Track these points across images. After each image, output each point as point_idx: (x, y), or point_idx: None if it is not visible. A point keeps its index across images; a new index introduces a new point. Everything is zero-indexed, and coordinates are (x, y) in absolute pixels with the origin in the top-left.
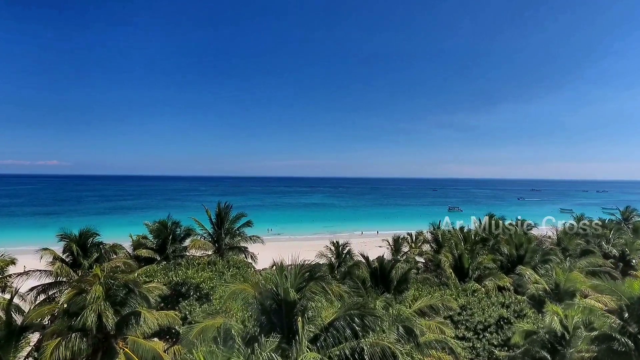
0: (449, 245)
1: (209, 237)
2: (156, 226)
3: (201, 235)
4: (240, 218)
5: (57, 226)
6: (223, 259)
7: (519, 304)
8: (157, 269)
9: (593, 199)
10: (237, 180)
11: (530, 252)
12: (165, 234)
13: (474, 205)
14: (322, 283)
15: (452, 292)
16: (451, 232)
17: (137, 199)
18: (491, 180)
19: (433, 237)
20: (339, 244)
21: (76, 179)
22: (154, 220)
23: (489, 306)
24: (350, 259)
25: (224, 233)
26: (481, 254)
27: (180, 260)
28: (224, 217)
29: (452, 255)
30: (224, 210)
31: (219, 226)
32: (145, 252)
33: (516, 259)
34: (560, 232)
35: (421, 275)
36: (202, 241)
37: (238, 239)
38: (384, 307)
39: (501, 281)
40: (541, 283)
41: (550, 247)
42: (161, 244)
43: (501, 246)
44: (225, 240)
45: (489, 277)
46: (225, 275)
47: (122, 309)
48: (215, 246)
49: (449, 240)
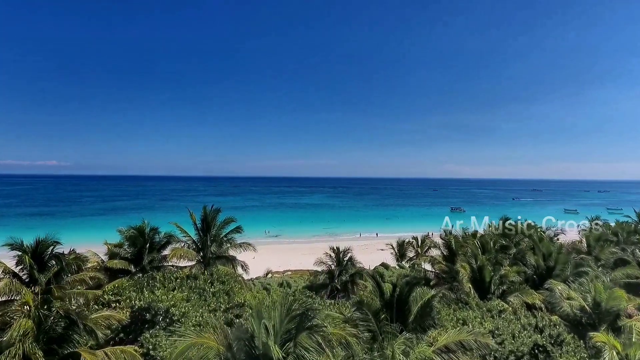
0: (464, 253)
1: (193, 245)
2: (131, 233)
3: (185, 243)
4: (229, 223)
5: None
6: (208, 270)
7: (555, 327)
8: (126, 284)
9: (595, 199)
10: (236, 180)
11: (560, 263)
12: (141, 242)
13: (476, 206)
14: (318, 336)
15: (475, 312)
16: (465, 238)
17: (134, 199)
18: (491, 180)
19: (445, 244)
20: (339, 250)
21: (75, 179)
22: (129, 226)
23: (520, 331)
24: (352, 267)
25: (210, 240)
26: (504, 265)
27: (155, 273)
28: (211, 222)
29: (470, 266)
30: (210, 214)
31: (205, 232)
32: (117, 264)
33: (545, 271)
34: (590, 238)
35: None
36: (184, 250)
37: (226, 246)
38: (404, 351)
39: (530, 298)
40: (576, 299)
41: (581, 257)
42: (137, 253)
43: (526, 256)
44: (212, 249)
45: (515, 292)
46: (207, 292)
47: (61, 348)
48: (199, 255)
49: (463, 248)
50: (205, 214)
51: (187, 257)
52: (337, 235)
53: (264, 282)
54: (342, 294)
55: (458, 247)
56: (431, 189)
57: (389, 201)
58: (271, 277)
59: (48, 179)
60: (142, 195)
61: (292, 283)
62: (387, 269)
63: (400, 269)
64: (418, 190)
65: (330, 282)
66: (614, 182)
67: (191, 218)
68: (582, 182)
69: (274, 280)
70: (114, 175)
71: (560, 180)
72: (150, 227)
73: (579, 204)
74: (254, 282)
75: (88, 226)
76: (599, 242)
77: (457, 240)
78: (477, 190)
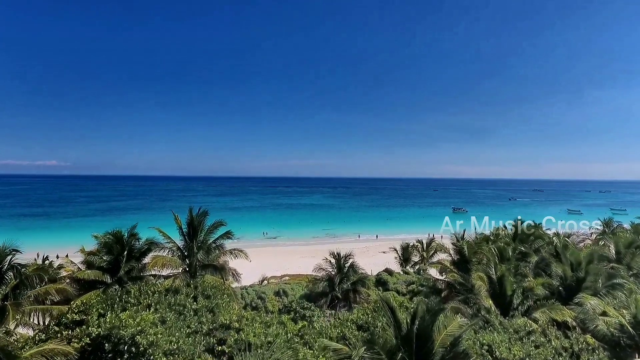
0: (478, 260)
1: (178, 252)
2: (107, 239)
3: (169, 250)
4: (218, 227)
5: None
6: (193, 281)
7: (594, 352)
8: (94, 300)
9: (598, 199)
10: (236, 180)
11: (592, 273)
12: (118, 249)
13: (478, 206)
14: None
15: (501, 335)
16: (479, 244)
17: (131, 199)
18: (492, 180)
19: (456, 250)
20: (340, 256)
21: (74, 179)
22: (106, 231)
23: (554, 357)
24: (354, 273)
25: (197, 247)
26: (528, 276)
27: (131, 286)
28: (197, 226)
29: (489, 277)
30: (197, 217)
31: (191, 238)
32: (90, 274)
33: (575, 283)
34: (620, 243)
35: (451, 305)
36: (167, 258)
37: (216, 253)
38: None
39: (559, 314)
40: (613, 316)
41: (612, 265)
42: (113, 262)
43: (552, 266)
44: (199, 256)
45: (541, 308)
46: (188, 309)
47: None
48: (185, 263)
49: (477, 255)
50: (191, 217)
51: (170, 266)
52: (337, 237)
53: (259, 290)
54: (343, 303)
55: (471, 254)
56: (431, 189)
57: (389, 201)
58: (267, 284)
59: (47, 179)
60: (140, 196)
61: (289, 291)
62: (391, 275)
63: (405, 275)
64: (418, 190)
65: (331, 291)
66: (615, 182)
67: (176, 222)
68: (583, 182)
69: (270, 289)
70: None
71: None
72: (129, 231)
73: (582, 204)
74: (247, 290)
75: (79, 228)
76: (630, 248)
77: (470, 245)
78: (477, 190)
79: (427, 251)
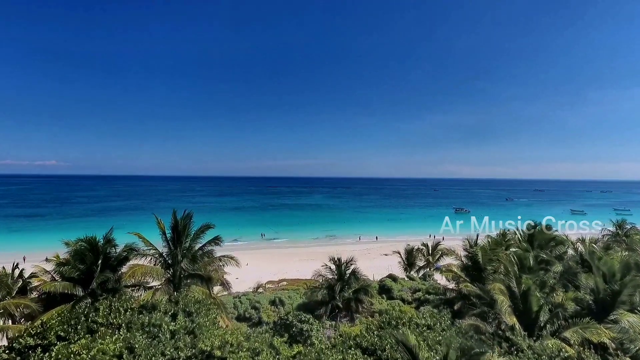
0: (493, 268)
1: (161, 260)
2: (79, 246)
3: (151, 257)
4: (206, 231)
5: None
6: (173, 297)
7: None
8: (54, 321)
9: (599, 199)
10: (235, 180)
11: (629, 285)
12: (91, 258)
13: (479, 206)
14: None
15: None
16: (494, 249)
17: (128, 199)
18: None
19: (469, 257)
20: (341, 262)
21: (72, 179)
22: (78, 237)
23: None
24: (355, 281)
25: (181, 254)
26: (556, 289)
27: (101, 302)
28: (182, 230)
29: (510, 289)
30: (182, 221)
31: (175, 244)
32: (59, 287)
33: (609, 297)
34: None
35: (466, 323)
36: (147, 267)
37: (203, 260)
38: None
39: (594, 335)
40: None
41: None
42: (86, 272)
43: (581, 276)
44: (183, 264)
45: (573, 327)
46: (164, 331)
47: None
48: (168, 273)
49: (493, 262)
50: (175, 220)
51: (151, 276)
52: (337, 238)
53: (253, 299)
54: (345, 313)
55: (486, 261)
56: (432, 189)
57: (389, 201)
58: (262, 292)
59: (46, 178)
60: (137, 196)
61: (285, 300)
62: (396, 282)
63: (410, 281)
64: (418, 190)
65: (331, 300)
66: (616, 182)
67: (158, 226)
68: (584, 182)
69: (265, 297)
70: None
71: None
72: (105, 237)
73: (584, 204)
74: (241, 299)
75: (73, 229)
76: None
77: (485, 252)
78: (478, 190)
79: (433, 255)
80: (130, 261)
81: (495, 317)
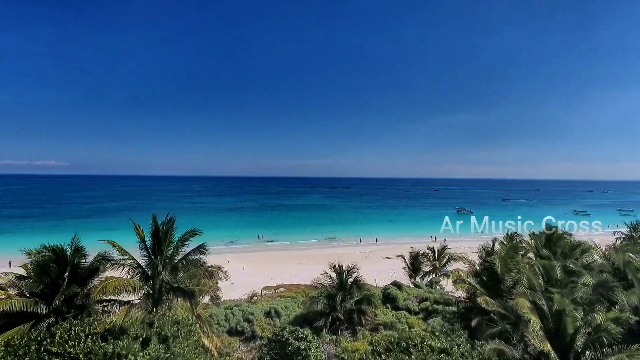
0: (513, 279)
1: (140, 271)
2: (42, 256)
3: (129, 268)
4: (191, 238)
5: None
6: (152, 313)
7: None
8: None
9: (601, 200)
10: (235, 180)
11: None
12: (56, 270)
13: (481, 207)
14: None
15: None
16: (512, 257)
17: (126, 200)
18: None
19: (485, 267)
20: (342, 270)
21: (72, 179)
22: (43, 245)
23: None
24: (358, 290)
25: (162, 264)
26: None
27: (60, 325)
28: (163, 237)
29: (537, 307)
30: (164, 226)
31: (155, 253)
32: (16, 304)
33: None
34: None
35: (488, 348)
36: (121, 280)
37: (188, 271)
38: None
39: None
40: None
41: None
42: (51, 286)
43: (619, 292)
44: (164, 276)
45: (618, 354)
46: None
47: None
48: (147, 286)
49: (512, 273)
50: (155, 226)
51: (127, 290)
52: (337, 240)
53: (246, 310)
54: (346, 325)
55: (505, 271)
56: (432, 189)
57: (389, 202)
58: (257, 300)
59: (45, 179)
60: (136, 196)
61: (281, 311)
62: (401, 290)
63: (416, 289)
64: (418, 190)
65: (331, 311)
66: (616, 182)
67: (137, 233)
68: (585, 182)
69: (260, 308)
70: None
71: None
72: (72, 245)
73: (587, 204)
74: (233, 310)
75: (64, 230)
76: None
77: (504, 262)
78: (478, 190)
79: (439, 260)
80: (105, 272)
81: (521, 339)
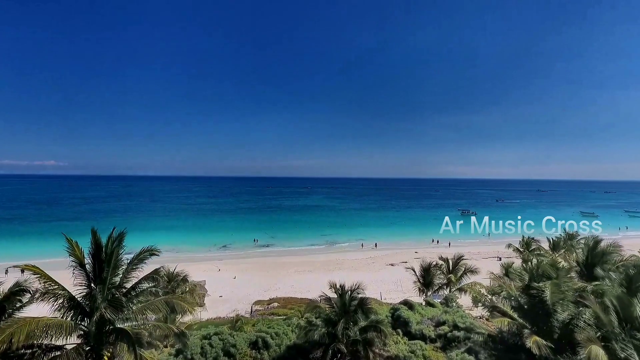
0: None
1: (72, 305)
2: None
3: (62, 299)
4: (146, 260)
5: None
6: None
7: None
8: None
9: (605, 200)
10: (235, 180)
11: None
12: None
13: (484, 208)
14: None
15: None
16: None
17: (122, 201)
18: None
19: (528, 292)
20: (344, 290)
21: (70, 179)
22: None
23: None
24: (363, 315)
25: (103, 296)
26: None
27: None
28: (108, 260)
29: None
30: (109, 244)
31: (95, 279)
32: None
33: None
34: None
35: None
36: (44, 320)
37: (140, 304)
38: None
39: None
40: None
41: None
42: None
43: None
44: (107, 313)
45: None
46: None
47: None
48: (83, 326)
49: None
50: (96, 244)
51: (50, 335)
52: (337, 244)
53: (228, 340)
54: (350, 359)
55: (556, 301)
56: (433, 190)
57: (391, 203)
58: (243, 324)
59: (44, 179)
60: (133, 196)
61: (270, 341)
62: (413, 309)
63: (430, 309)
64: (419, 191)
65: (331, 342)
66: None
67: (72, 253)
68: (587, 182)
69: (245, 337)
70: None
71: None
72: None
73: (592, 205)
74: (212, 340)
75: (49, 233)
76: None
77: (557, 288)
78: (480, 190)
79: (455, 272)
80: (29, 307)
81: None
